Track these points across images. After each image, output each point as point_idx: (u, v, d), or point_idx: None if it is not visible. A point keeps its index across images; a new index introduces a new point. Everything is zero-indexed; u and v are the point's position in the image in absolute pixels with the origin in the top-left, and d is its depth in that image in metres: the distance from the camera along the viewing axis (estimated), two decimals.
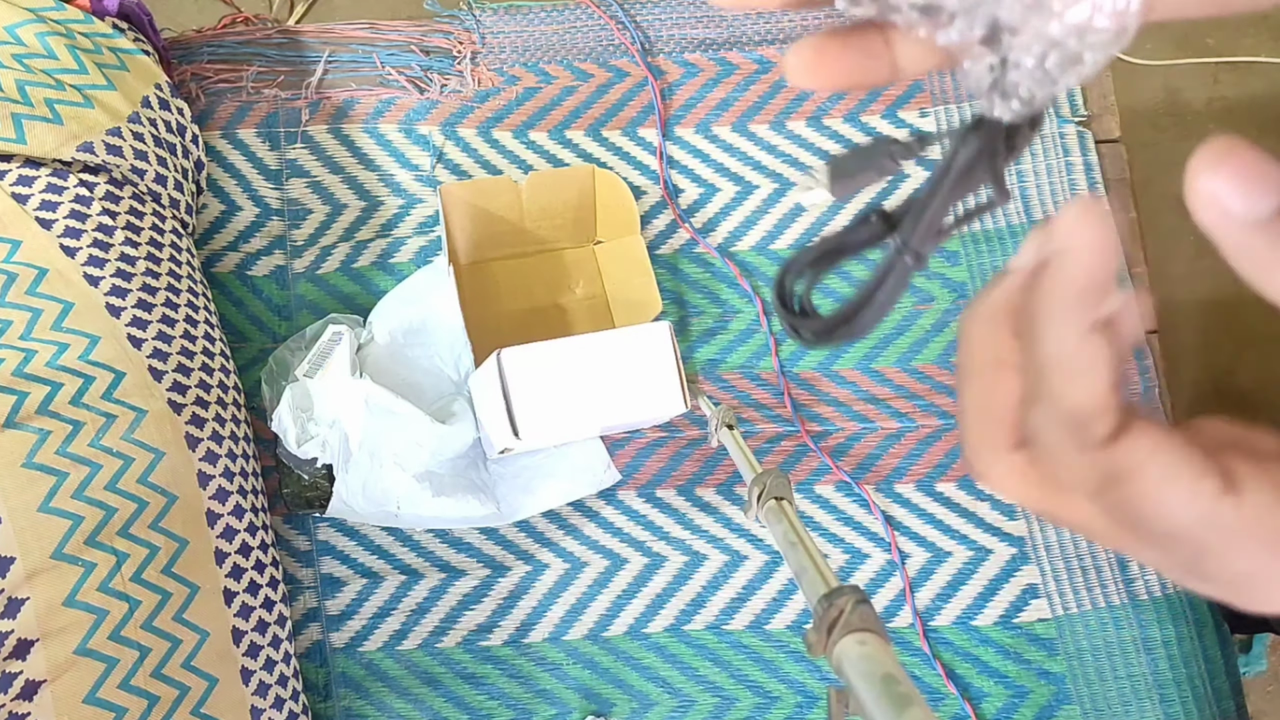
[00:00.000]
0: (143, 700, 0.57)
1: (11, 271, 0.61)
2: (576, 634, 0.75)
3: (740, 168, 0.85)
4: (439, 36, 0.88)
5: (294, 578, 0.74)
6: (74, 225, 0.64)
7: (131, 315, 0.64)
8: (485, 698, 0.73)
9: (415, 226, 0.82)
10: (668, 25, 0.89)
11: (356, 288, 0.80)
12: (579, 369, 0.64)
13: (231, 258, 0.80)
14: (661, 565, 0.77)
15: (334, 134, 0.83)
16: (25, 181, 0.64)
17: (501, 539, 0.76)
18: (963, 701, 0.75)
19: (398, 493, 0.69)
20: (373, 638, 0.74)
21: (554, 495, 0.74)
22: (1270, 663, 1.23)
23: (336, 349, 0.70)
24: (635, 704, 0.74)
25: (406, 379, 0.73)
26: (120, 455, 0.60)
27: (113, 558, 0.58)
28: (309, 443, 0.69)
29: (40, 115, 0.65)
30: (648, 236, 0.83)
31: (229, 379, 0.70)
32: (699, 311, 0.82)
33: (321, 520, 0.75)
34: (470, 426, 0.71)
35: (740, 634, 0.76)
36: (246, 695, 0.63)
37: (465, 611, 0.75)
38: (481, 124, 0.84)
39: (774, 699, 0.75)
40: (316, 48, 0.86)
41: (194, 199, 0.77)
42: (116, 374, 0.62)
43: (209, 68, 0.84)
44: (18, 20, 0.68)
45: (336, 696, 0.72)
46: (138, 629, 0.58)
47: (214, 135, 0.82)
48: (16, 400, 0.58)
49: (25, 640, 0.55)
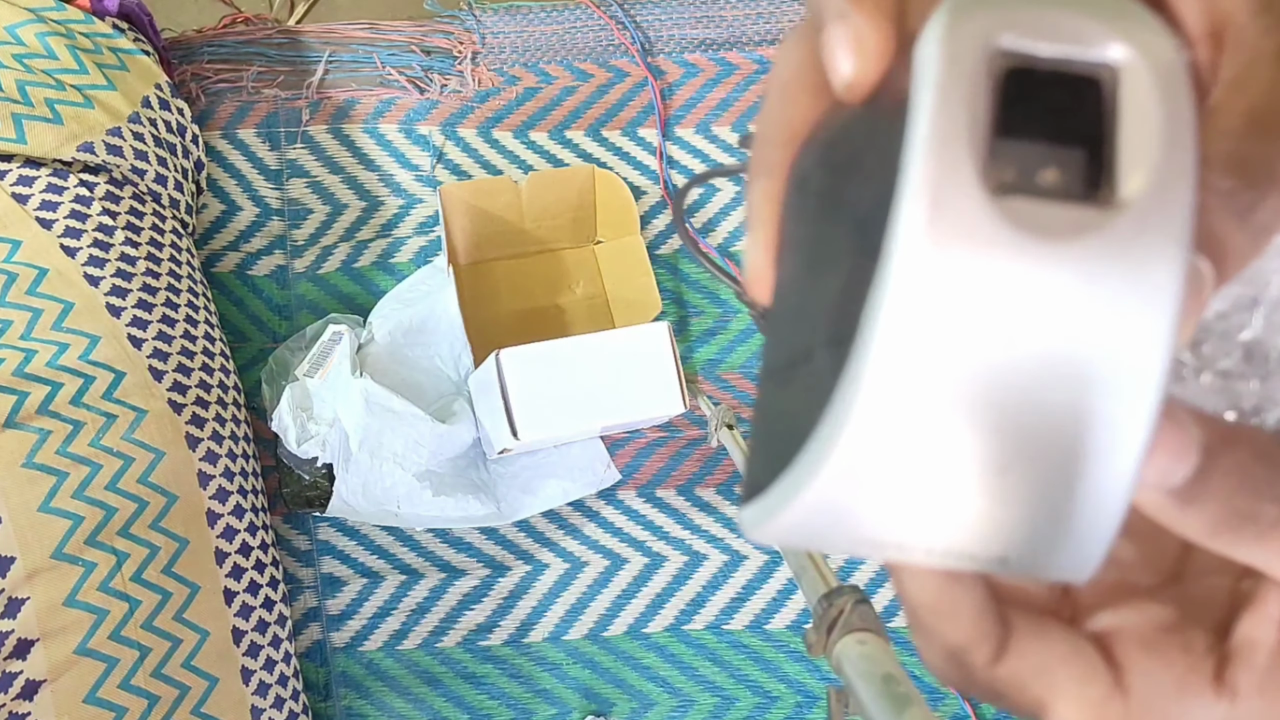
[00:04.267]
0: (143, 700, 0.57)
1: (12, 271, 0.61)
2: (576, 634, 0.75)
3: (740, 168, 0.85)
4: (439, 36, 0.88)
5: (294, 577, 0.74)
6: (74, 225, 0.64)
7: (132, 315, 0.64)
8: (485, 697, 0.73)
9: (415, 226, 0.82)
10: (668, 25, 0.89)
11: (356, 288, 0.80)
12: (578, 369, 0.64)
13: (231, 258, 0.80)
14: (661, 565, 0.77)
15: (334, 134, 0.83)
16: (25, 181, 0.64)
17: (501, 539, 0.76)
18: (962, 701, 0.75)
19: (398, 492, 0.69)
20: (373, 637, 0.74)
21: (554, 495, 0.74)
22: None
23: (336, 349, 0.71)
24: (635, 704, 0.74)
25: (406, 379, 0.73)
26: (120, 455, 0.60)
27: (113, 557, 0.58)
28: (309, 442, 0.69)
29: (40, 115, 0.65)
30: (648, 236, 0.83)
31: (229, 379, 0.71)
32: (699, 311, 0.82)
33: (321, 520, 0.75)
34: (470, 426, 0.71)
35: (740, 634, 0.76)
36: (247, 695, 0.63)
37: (465, 611, 0.75)
38: (481, 124, 0.84)
39: (774, 699, 0.75)
40: (317, 48, 0.86)
41: (194, 199, 0.77)
42: (117, 374, 0.62)
43: (209, 68, 0.84)
44: (18, 20, 0.68)
45: (336, 696, 0.72)
46: (138, 629, 0.58)
47: (214, 135, 0.82)
48: (17, 400, 0.58)
49: (25, 640, 0.55)
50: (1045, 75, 0.15)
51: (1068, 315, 0.15)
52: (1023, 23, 0.15)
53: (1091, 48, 0.15)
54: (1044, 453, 0.16)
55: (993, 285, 0.15)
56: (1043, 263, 0.14)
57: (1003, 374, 0.15)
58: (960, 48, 0.15)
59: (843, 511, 0.17)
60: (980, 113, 0.15)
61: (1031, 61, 0.15)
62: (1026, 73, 0.15)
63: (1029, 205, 0.15)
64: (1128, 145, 0.15)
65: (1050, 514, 0.16)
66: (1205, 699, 0.20)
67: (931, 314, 0.15)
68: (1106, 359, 0.15)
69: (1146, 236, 0.14)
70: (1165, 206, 0.15)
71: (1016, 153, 0.15)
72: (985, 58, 0.15)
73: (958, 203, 0.14)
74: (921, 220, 0.15)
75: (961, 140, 0.15)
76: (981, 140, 0.15)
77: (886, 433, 0.16)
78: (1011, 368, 0.15)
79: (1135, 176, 0.15)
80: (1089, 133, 0.15)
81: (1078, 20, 0.15)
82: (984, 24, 0.15)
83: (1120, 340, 0.15)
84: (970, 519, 0.16)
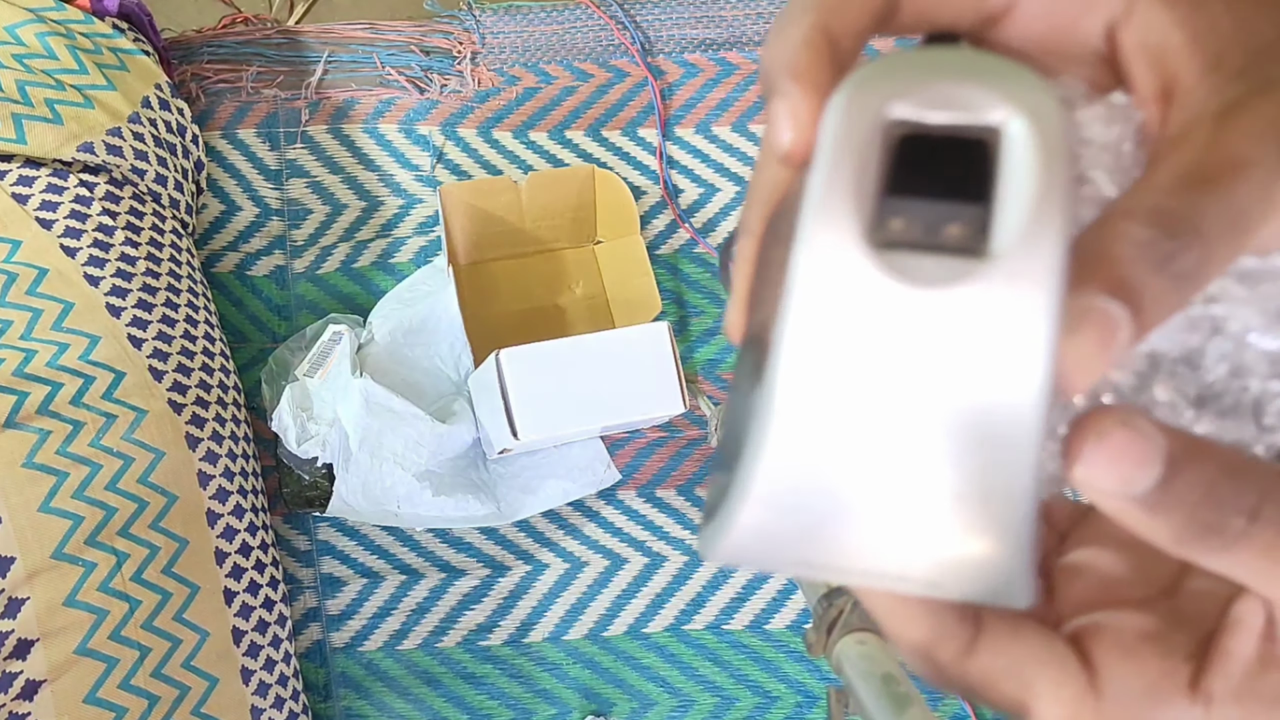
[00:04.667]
0: (143, 700, 0.57)
1: (12, 271, 0.61)
2: (576, 634, 0.75)
3: (740, 168, 0.85)
4: (439, 36, 0.88)
5: (294, 578, 0.74)
6: (74, 225, 0.64)
7: (132, 315, 0.64)
8: (485, 698, 0.73)
9: (415, 226, 0.82)
10: (668, 25, 0.89)
11: (356, 288, 0.80)
12: (578, 369, 0.64)
13: (231, 258, 0.80)
14: (661, 565, 0.77)
15: (334, 134, 0.83)
16: (25, 181, 0.64)
17: (501, 539, 0.76)
18: (963, 701, 0.75)
19: (398, 492, 0.69)
20: (373, 638, 0.74)
21: (554, 495, 0.74)
22: None
23: (336, 349, 0.71)
24: (635, 704, 0.74)
25: (406, 379, 0.73)
26: (120, 455, 0.60)
27: (113, 558, 0.58)
28: (309, 442, 0.69)
29: (40, 115, 0.65)
30: (648, 236, 0.83)
31: (229, 379, 0.71)
32: (699, 311, 0.82)
33: (321, 520, 0.75)
34: (470, 426, 0.71)
35: (740, 634, 0.76)
36: (247, 695, 0.63)
37: (465, 611, 0.75)
38: (481, 124, 0.84)
39: (774, 699, 0.75)
40: (316, 48, 0.86)
41: (194, 199, 0.77)
42: (117, 374, 0.62)
43: (209, 68, 0.84)
44: (18, 20, 0.68)
45: (336, 696, 0.72)
46: (138, 629, 0.58)
47: (214, 135, 0.82)
48: (16, 400, 0.58)
49: (25, 640, 0.55)
50: (939, 140, 0.17)
51: (944, 358, 0.16)
52: (914, 93, 0.17)
53: (977, 113, 0.17)
54: (941, 484, 0.17)
55: (873, 330, 0.16)
56: (917, 309, 0.16)
57: (893, 411, 0.17)
58: (855, 117, 0.17)
59: (774, 537, 0.18)
60: (869, 174, 0.17)
61: (924, 128, 0.17)
62: (923, 138, 0.17)
63: (909, 257, 0.16)
64: (1003, 201, 0.16)
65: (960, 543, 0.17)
66: (1179, 704, 0.20)
67: (820, 357, 0.16)
68: (982, 399, 0.16)
69: (1015, 284, 0.16)
70: (1034, 257, 0.16)
71: (909, 209, 0.16)
72: (878, 126, 0.17)
73: (841, 256, 0.16)
74: (808, 272, 0.16)
75: (849, 199, 0.16)
76: (868, 199, 0.16)
77: (796, 463, 0.17)
78: (901, 406, 0.16)
79: (1007, 229, 0.16)
80: (979, 191, 0.17)
81: (965, 88, 0.17)
82: (878, 95, 0.17)
83: (993, 380, 0.16)
84: (886, 545, 0.18)
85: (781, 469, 0.17)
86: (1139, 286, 0.17)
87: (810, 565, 0.19)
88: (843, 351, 0.16)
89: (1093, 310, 0.17)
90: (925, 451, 0.17)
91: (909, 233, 0.16)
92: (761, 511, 0.18)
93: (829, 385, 0.17)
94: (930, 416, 0.16)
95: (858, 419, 0.17)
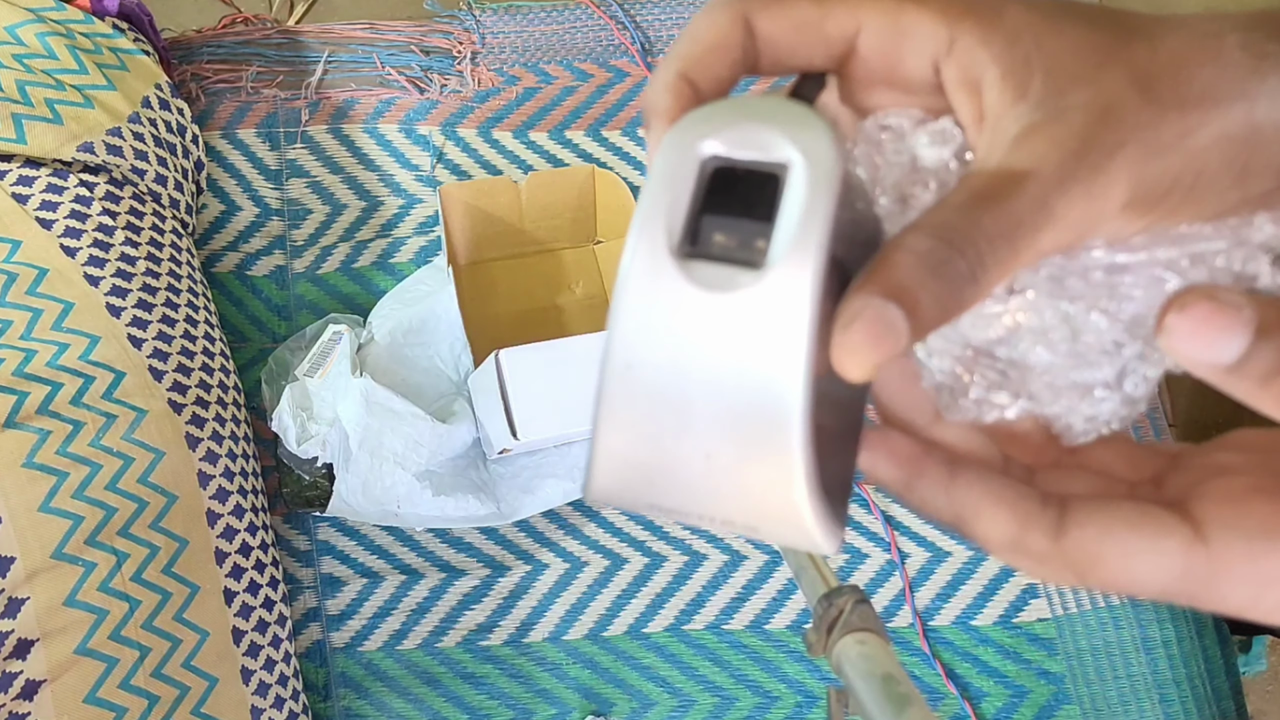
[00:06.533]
0: (143, 700, 0.57)
1: (12, 271, 0.61)
2: (576, 634, 0.75)
3: None
4: (439, 36, 0.88)
5: (294, 578, 0.74)
6: (74, 225, 0.64)
7: (132, 315, 0.64)
8: (485, 698, 0.73)
9: (415, 226, 0.82)
10: (668, 25, 0.89)
11: (356, 288, 0.80)
12: (579, 369, 0.64)
13: (231, 258, 0.80)
14: (661, 565, 0.77)
15: (334, 134, 0.83)
16: (25, 181, 0.64)
17: (501, 539, 0.76)
18: (962, 701, 0.75)
19: (398, 492, 0.69)
20: (373, 637, 0.74)
21: (554, 495, 0.74)
22: (1270, 663, 1.23)
23: (336, 349, 0.71)
24: (635, 704, 0.74)
25: (406, 379, 0.73)
26: (120, 455, 0.60)
27: (113, 557, 0.58)
28: (309, 442, 0.69)
29: (40, 115, 0.65)
30: None
31: (229, 379, 0.71)
32: None
33: (321, 520, 0.75)
34: (470, 426, 0.71)
35: (740, 634, 0.76)
36: (246, 695, 0.63)
37: (465, 611, 0.75)
38: (481, 124, 0.84)
39: (774, 699, 0.75)
40: (316, 48, 0.86)
41: (194, 199, 0.77)
42: (117, 374, 0.62)
43: (209, 68, 0.84)
44: (18, 20, 0.68)
45: (336, 696, 0.72)
46: (138, 629, 0.58)
47: (214, 135, 0.82)
48: (17, 400, 0.58)
49: (25, 640, 0.55)
50: (743, 172, 0.21)
51: (726, 347, 0.20)
52: (724, 135, 0.21)
53: (770, 152, 0.21)
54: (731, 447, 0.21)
55: (676, 323, 0.20)
56: (708, 308, 0.20)
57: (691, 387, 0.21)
58: (673, 154, 0.21)
59: (626, 484, 0.22)
60: (682, 198, 0.21)
61: (732, 163, 0.21)
62: (732, 170, 0.21)
63: (706, 267, 0.20)
64: (780, 222, 0.20)
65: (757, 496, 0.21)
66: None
67: (636, 344, 0.21)
68: (755, 383, 0.20)
69: (779, 289, 0.20)
70: (796, 266, 0.20)
71: (715, 227, 0.21)
72: (694, 159, 0.21)
73: (653, 265, 0.20)
74: (628, 276, 0.21)
75: (662, 218, 0.21)
76: (679, 218, 0.21)
77: (624, 426, 0.21)
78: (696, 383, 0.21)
79: (778, 245, 0.20)
80: (768, 214, 0.20)
81: (764, 132, 0.21)
82: (694, 136, 0.21)
83: (761, 367, 0.20)
84: (706, 495, 0.22)
85: (614, 431, 0.22)
86: (915, 289, 0.20)
87: (659, 509, 0.22)
88: (654, 340, 0.21)
89: (867, 309, 0.19)
90: (718, 421, 0.21)
91: (713, 246, 0.21)
92: (608, 463, 0.22)
93: (643, 363, 0.21)
94: (719, 392, 0.20)
95: (666, 392, 0.21)
